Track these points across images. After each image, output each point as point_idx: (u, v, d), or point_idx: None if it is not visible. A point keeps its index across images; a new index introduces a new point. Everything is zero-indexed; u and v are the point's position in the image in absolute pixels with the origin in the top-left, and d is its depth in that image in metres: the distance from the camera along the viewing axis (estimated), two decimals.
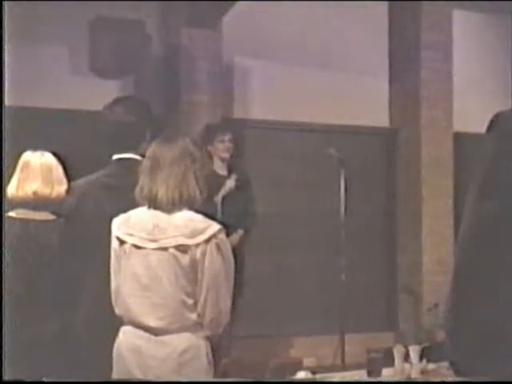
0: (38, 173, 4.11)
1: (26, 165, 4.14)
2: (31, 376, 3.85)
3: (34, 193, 4.05)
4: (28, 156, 4.18)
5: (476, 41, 8.91)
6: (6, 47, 4.39)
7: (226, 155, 6.77)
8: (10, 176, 4.19)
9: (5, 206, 4.11)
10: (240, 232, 6.72)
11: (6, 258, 3.91)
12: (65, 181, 4.16)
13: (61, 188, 4.09)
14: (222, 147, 6.75)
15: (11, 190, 4.11)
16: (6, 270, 3.89)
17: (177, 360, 3.42)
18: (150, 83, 7.42)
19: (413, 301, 8.28)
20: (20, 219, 4.05)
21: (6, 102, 4.55)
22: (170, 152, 3.49)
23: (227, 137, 6.78)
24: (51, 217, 4.07)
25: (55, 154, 4.25)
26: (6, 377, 3.68)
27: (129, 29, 7.12)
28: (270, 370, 5.58)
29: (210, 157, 6.72)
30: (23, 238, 4.01)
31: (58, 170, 4.19)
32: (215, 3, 7.29)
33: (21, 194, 4.07)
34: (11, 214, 4.08)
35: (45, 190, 4.07)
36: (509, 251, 1.86)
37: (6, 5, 4.17)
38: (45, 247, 4.00)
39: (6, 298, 3.84)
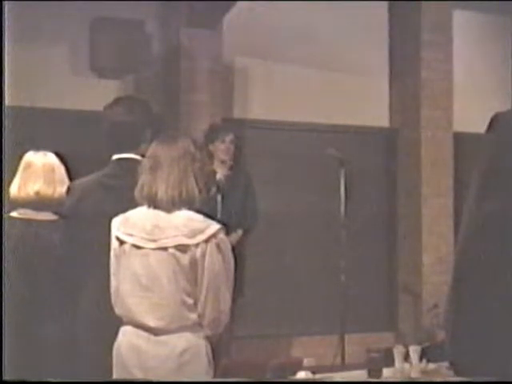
0: (40, 173, 4.11)
1: (29, 165, 4.15)
2: (31, 376, 3.85)
3: (36, 193, 4.05)
4: (30, 156, 4.18)
5: (476, 41, 8.91)
6: (6, 47, 4.39)
7: (226, 157, 6.75)
8: (12, 176, 4.19)
9: (6, 207, 4.11)
10: (239, 232, 6.71)
11: (8, 257, 3.91)
12: (67, 181, 4.17)
13: (63, 188, 4.10)
14: (222, 148, 6.74)
15: (13, 190, 4.11)
16: (8, 270, 3.89)
17: (177, 360, 3.42)
18: (150, 83, 7.42)
19: (413, 301, 8.28)
20: (22, 219, 4.05)
21: (7, 102, 4.56)
22: (170, 152, 3.49)
23: (228, 138, 6.77)
24: (53, 217, 4.07)
25: (58, 154, 4.26)
26: (6, 377, 3.68)
27: (129, 29, 7.13)
28: (270, 369, 5.58)
29: (211, 156, 6.71)
30: (25, 238, 4.01)
31: (61, 170, 4.19)
32: (215, 3, 7.29)
33: (23, 194, 4.08)
34: (13, 214, 4.08)
35: (47, 191, 4.07)
36: (508, 251, 1.86)
37: (6, 5, 4.17)
38: (46, 247, 4.00)
39: (6, 297, 3.84)
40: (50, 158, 4.19)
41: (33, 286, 3.99)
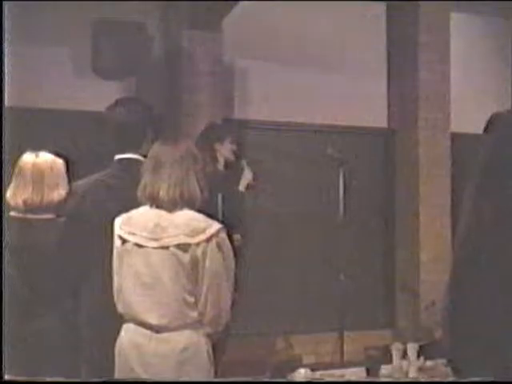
0: (28, 181, 4.06)
1: (20, 171, 4.09)
2: (31, 375, 3.86)
3: (24, 202, 4.03)
4: (22, 161, 4.12)
5: (473, 42, 8.93)
6: (6, 48, 4.41)
7: (233, 157, 6.79)
8: (13, 177, 4.20)
9: (5, 206, 4.12)
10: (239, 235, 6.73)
11: (7, 257, 3.92)
12: (61, 183, 4.11)
13: (54, 193, 4.03)
14: (229, 148, 6.76)
15: (8, 196, 4.10)
16: (7, 270, 3.90)
17: (178, 357, 3.45)
18: (151, 84, 7.43)
19: (411, 299, 8.30)
20: (20, 218, 4.05)
21: (9, 103, 4.57)
22: (172, 152, 3.53)
23: (235, 139, 6.81)
24: (51, 216, 4.07)
25: (58, 155, 4.25)
26: (6, 376, 3.70)
27: (130, 31, 7.13)
28: (270, 367, 5.62)
29: (214, 154, 6.70)
30: (24, 237, 4.02)
31: (53, 174, 4.10)
32: (216, 5, 7.31)
33: (13, 202, 4.07)
34: (12, 213, 4.08)
35: (35, 199, 4.02)
36: (505, 250, 1.90)
37: (6, 5, 4.20)
38: (45, 246, 4.00)
39: (6, 297, 3.85)
40: (42, 162, 4.09)
41: (32, 285, 3.99)
